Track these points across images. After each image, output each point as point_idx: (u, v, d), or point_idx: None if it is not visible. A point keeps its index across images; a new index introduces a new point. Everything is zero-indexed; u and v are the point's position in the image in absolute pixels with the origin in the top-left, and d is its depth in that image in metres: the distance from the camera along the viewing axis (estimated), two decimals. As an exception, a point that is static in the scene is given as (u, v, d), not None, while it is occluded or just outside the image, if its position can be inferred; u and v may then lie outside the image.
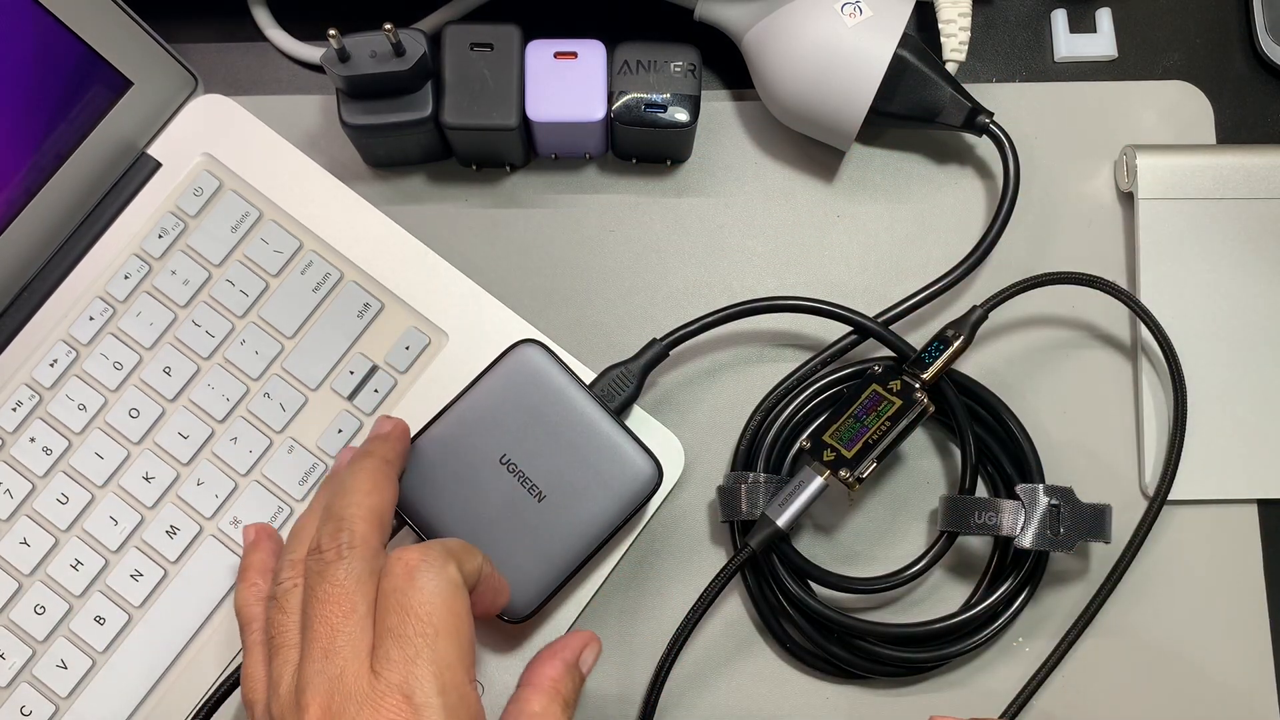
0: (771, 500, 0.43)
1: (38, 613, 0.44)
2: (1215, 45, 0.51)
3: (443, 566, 0.33)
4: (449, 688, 0.32)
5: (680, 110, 0.45)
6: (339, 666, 0.32)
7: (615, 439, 0.42)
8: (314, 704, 0.32)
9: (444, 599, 0.33)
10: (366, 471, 0.37)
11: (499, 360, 0.42)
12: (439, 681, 0.32)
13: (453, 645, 0.32)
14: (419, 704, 0.31)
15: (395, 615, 0.32)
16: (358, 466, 0.37)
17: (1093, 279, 0.45)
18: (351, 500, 0.36)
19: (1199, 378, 0.46)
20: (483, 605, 0.37)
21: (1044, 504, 0.42)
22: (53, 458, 0.45)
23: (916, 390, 0.42)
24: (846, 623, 0.43)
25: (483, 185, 0.49)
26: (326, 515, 0.36)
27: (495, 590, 0.38)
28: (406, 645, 0.32)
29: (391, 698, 0.31)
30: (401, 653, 0.32)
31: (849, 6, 0.44)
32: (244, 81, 0.50)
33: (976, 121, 0.46)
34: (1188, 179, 0.47)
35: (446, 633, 0.32)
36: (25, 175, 0.43)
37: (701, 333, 0.45)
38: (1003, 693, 0.45)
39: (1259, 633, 0.46)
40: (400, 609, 0.32)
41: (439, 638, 0.32)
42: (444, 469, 0.41)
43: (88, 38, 0.42)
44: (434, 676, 0.32)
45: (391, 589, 0.33)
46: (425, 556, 0.33)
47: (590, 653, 0.39)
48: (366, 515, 0.35)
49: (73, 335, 0.46)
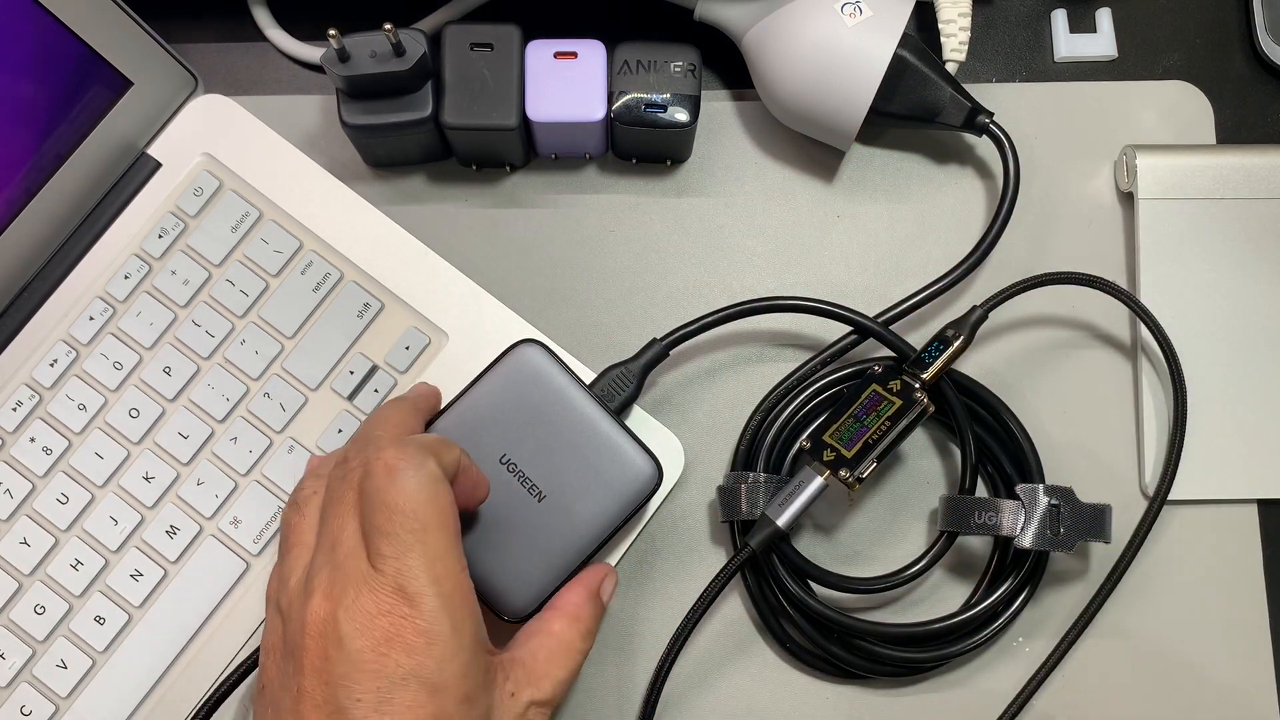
0: (771, 500, 0.43)
1: (38, 613, 0.44)
2: (1215, 45, 0.51)
3: (422, 462, 0.34)
4: (442, 577, 0.33)
5: (680, 110, 0.45)
6: (343, 554, 0.34)
7: (615, 439, 0.42)
8: (319, 589, 0.34)
9: (427, 493, 0.34)
10: (396, 407, 0.39)
11: (499, 360, 0.42)
12: (431, 572, 0.33)
13: (441, 537, 0.33)
14: (413, 594, 0.33)
15: (382, 514, 0.33)
16: (392, 403, 0.40)
17: (1092, 279, 0.45)
18: (379, 423, 0.38)
19: (1199, 378, 0.46)
20: (463, 498, 0.37)
21: (1044, 504, 0.42)
22: (53, 458, 0.45)
23: (916, 390, 0.42)
24: (846, 623, 0.43)
25: (483, 185, 0.49)
26: (355, 437, 0.38)
27: (474, 483, 0.38)
28: (396, 541, 0.33)
29: (386, 589, 0.33)
30: (392, 548, 0.33)
31: (849, 6, 0.44)
32: (244, 81, 0.50)
33: (976, 121, 0.46)
34: (1188, 179, 0.47)
35: (434, 526, 0.33)
36: (25, 175, 0.43)
37: (701, 333, 0.45)
38: (1003, 693, 0.45)
39: (1259, 633, 0.46)
40: (386, 507, 0.33)
41: (426, 531, 0.33)
42: None
43: (88, 38, 0.42)
44: (426, 568, 0.33)
45: (374, 489, 0.34)
46: (403, 454, 0.34)
47: (610, 582, 0.41)
48: (393, 437, 0.36)
49: (73, 335, 0.46)
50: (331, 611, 0.33)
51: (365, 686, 0.32)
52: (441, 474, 0.35)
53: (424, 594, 0.33)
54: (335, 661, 0.33)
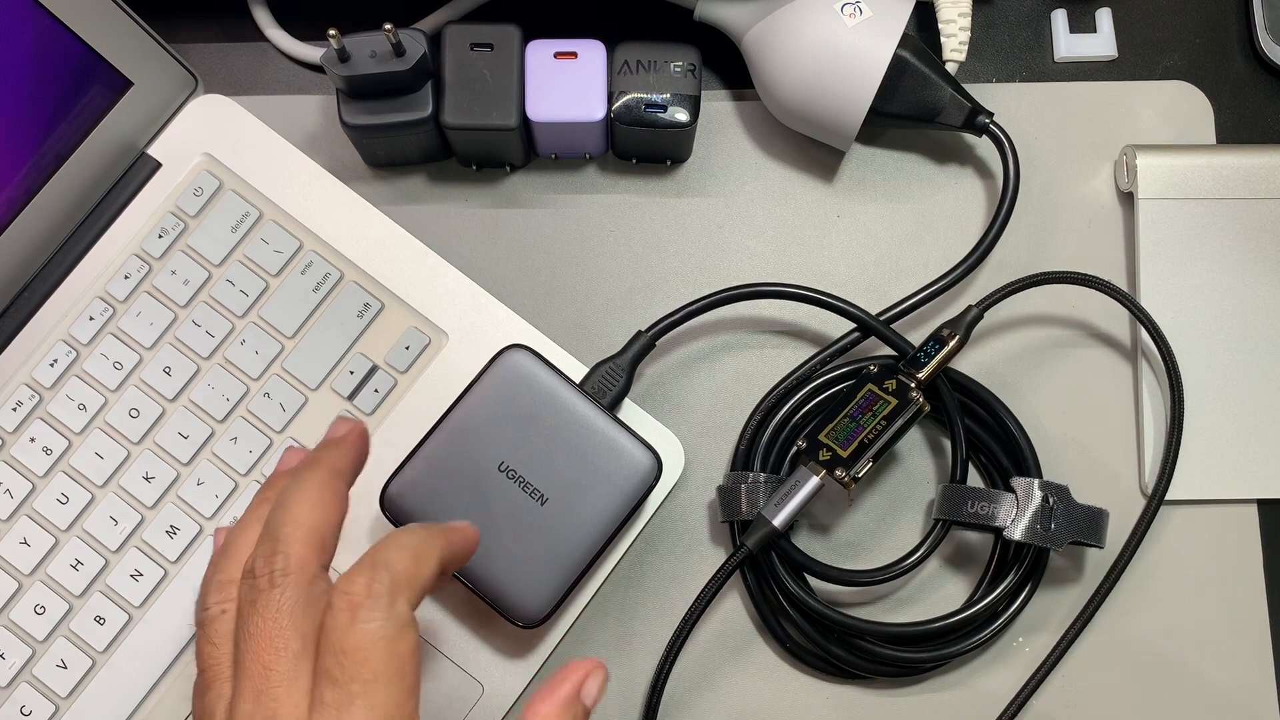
0: (768, 500, 0.43)
1: (38, 613, 0.44)
2: (1215, 45, 0.51)
3: (390, 605, 0.30)
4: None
5: (680, 110, 0.45)
6: (270, 709, 0.30)
7: (611, 434, 0.42)
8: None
9: (386, 640, 0.30)
10: (310, 485, 0.33)
11: (486, 369, 0.42)
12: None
13: (392, 691, 0.30)
14: None
15: (331, 657, 0.30)
16: (302, 478, 0.33)
17: (1088, 278, 0.45)
18: (289, 517, 0.32)
19: (1199, 377, 0.46)
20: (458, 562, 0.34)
21: (1038, 498, 0.42)
22: (53, 458, 0.45)
23: (912, 389, 0.42)
24: (846, 622, 0.43)
25: (483, 185, 0.49)
26: (264, 533, 0.32)
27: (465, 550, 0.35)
28: (340, 690, 0.29)
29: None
30: (335, 696, 0.29)
31: (849, 7, 0.44)
32: (244, 81, 0.50)
33: (976, 121, 0.46)
34: (1188, 179, 0.47)
35: (386, 677, 0.30)
36: (25, 175, 0.43)
37: (685, 320, 0.44)
38: (1003, 693, 0.45)
39: (1259, 633, 0.46)
40: (337, 651, 0.30)
41: (376, 683, 0.29)
42: (444, 483, 0.41)
43: (88, 38, 0.42)
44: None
45: (332, 627, 0.30)
46: (371, 593, 0.30)
47: (594, 682, 0.34)
48: (306, 536, 0.32)
49: (73, 335, 0.46)
50: None
51: None
52: (409, 617, 0.31)
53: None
54: None
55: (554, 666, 0.45)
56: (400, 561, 0.31)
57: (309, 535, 0.32)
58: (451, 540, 0.33)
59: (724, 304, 0.45)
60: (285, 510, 0.32)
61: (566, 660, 0.41)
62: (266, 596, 0.31)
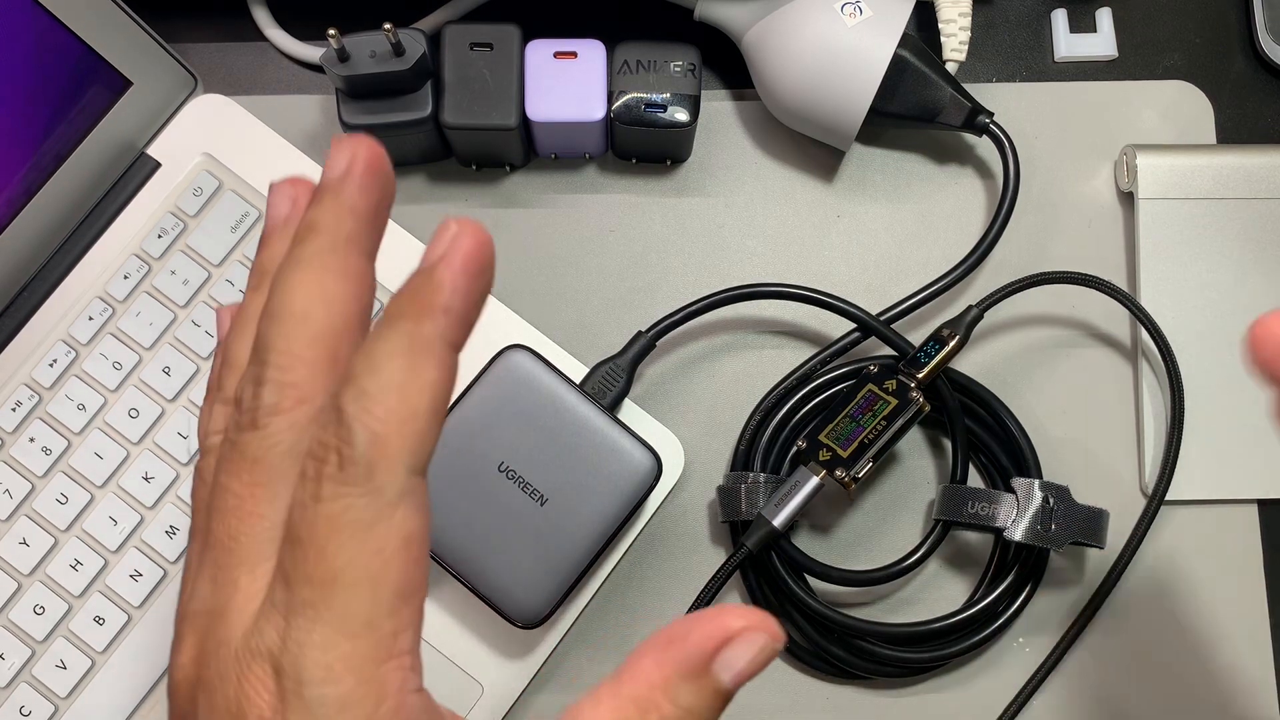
0: (768, 500, 0.43)
1: (37, 613, 0.44)
2: (1215, 45, 0.51)
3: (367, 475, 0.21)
4: (339, 670, 0.21)
5: (680, 110, 0.45)
6: (224, 597, 0.22)
7: (610, 435, 0.42)
8: (188, 641, 0.23)
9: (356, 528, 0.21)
10: (311, 269, 0.23)
11: (486, 369, 0.42)
12: (324, 657, 0.21)
13: (358, 601, 0.21)
14: (288, 685, 0.21)
15: (286, 545, 0.21)
16: (299, 258, 0.23)
17: (1087, 278, 0.45)
18: (285, 326, 0.23)
19: (1199, 377, 0.46)
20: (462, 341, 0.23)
21: (1038, 499, 0.42)
22: (52, 458, 0.45)
23: (912, 389, 0.42)
24: (846, 622, 0.43)
25: (483, 185, 0.49)
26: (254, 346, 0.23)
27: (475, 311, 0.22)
28: (291, 593, 0.21)
29: (258, 666, 0.21)
30: (284, 600, 0.21)
31: (849, 6, 0.44)
32: (244, 81, 0.50)
33: (976, 121, 0.46)
34: (1188, 179, 0.47)
35: (351, 582, 0.21)
36: (25, 175, 0.43)
37: (685, 321, 0.44)
38: (1003, 693, 0.45)
39: (1259, 633, 0.46)
40: (293, 538, 0.21)
41: (335, 588, 0.21)
42: (443, 484, 0.41)
43: (87, 38, 0.42)
44: (319, 647, 0.21)
45: (295, 502, 0.21)
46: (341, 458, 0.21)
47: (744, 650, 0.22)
48: (305, 350, 0.22)
49: (72, 335, 0.46)
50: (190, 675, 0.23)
51: None
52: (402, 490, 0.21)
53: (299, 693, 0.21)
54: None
55: (554, 667, 0.45)
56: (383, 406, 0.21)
57: (309, 348, 0.23)
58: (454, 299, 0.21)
59: (724, 304, 0.45)
60: (275, 314, 0.23)
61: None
62: (245, 440, 0.22)
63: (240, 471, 0.22)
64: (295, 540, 0.21)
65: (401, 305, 0.21)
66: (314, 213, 0.23)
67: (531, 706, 0.45)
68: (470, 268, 0.21)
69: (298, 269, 0.23)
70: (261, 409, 0.22)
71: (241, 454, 0.22)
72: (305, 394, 0.22)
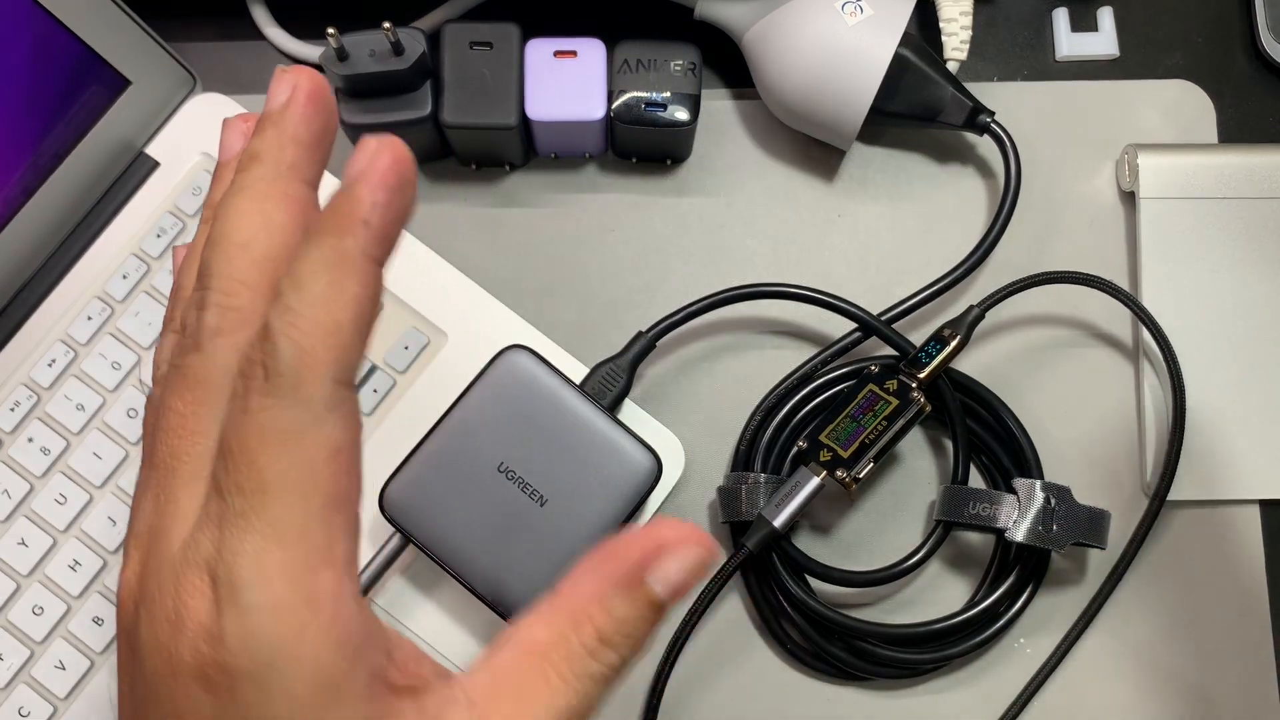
0: (769, 501, 0.43)
1: (36, 613, 0.44)
2: (1217, 44, 0.51)
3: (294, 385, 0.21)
4: (273, 575, 0.21)
5: (680, 109, 0.45)
6: (166, 514, 0.23)
7: (610, 435, 0.41)
8: (133, 559, 0.23)
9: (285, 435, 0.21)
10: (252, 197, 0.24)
11: (486, 369, 0.42)
12: (257, 563, 0.21)
13: (290, 509, 0.21)
14: (223, 592, 0.21)
15: (220, 458, 0.22)
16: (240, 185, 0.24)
17: (1089, 278, 0.44)
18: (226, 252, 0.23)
19: (1201, 377, 0.46)
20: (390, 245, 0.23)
21: (1040, 500, 0.42)
22: (51, 458, 0.45)
23: (913, 390, 0.42)
24: (847, 623, 0.43)
25: (482, 185, 0.49)
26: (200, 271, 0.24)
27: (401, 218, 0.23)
28: (224, 503, 0.21)
29: (194, 575, 0.21)
30: (217, 510, 0.21)
31: (850, 5, 0.44)
32: (243, 80, 0.50)
33: (978, 121, 0.46)
34: (1189, 178, 0.47)
35: (281, 489, 0.21)
36: (23, 174, 0.43)
37: (686, 321, 0.44)
38: (1003, 693, 0.45)
39: (1260, 633, 0.46)
40: (225, 450, 0.22)
41: (266, 496, 0.21)
42: (443, 484, 0.41)
43: (86, 37, 0.42)
44: (251, 554, 0.21)
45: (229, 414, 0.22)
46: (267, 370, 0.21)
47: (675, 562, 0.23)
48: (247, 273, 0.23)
49: (71, 335, 0.46)
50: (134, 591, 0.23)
51: None
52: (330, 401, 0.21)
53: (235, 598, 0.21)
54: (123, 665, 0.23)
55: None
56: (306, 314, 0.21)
57: (249, 272, 0.23)
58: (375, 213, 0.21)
59: (725, 304, 0.45)
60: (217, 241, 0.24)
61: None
62: (188, 362, 0.23)
63: (183, 391, 0.23)
64: (227, 452, 0.21)
65: (323, 223, 0.22)
66: (255, 142, 0.24)
67: (531, 707, 0.45)
68: (389, 181, 0.22)
69: (239, 196, 0.24)
70: (204, 331, 0.23)
71: (184, 376, 0.23)
72: (246, 317, 0.23)
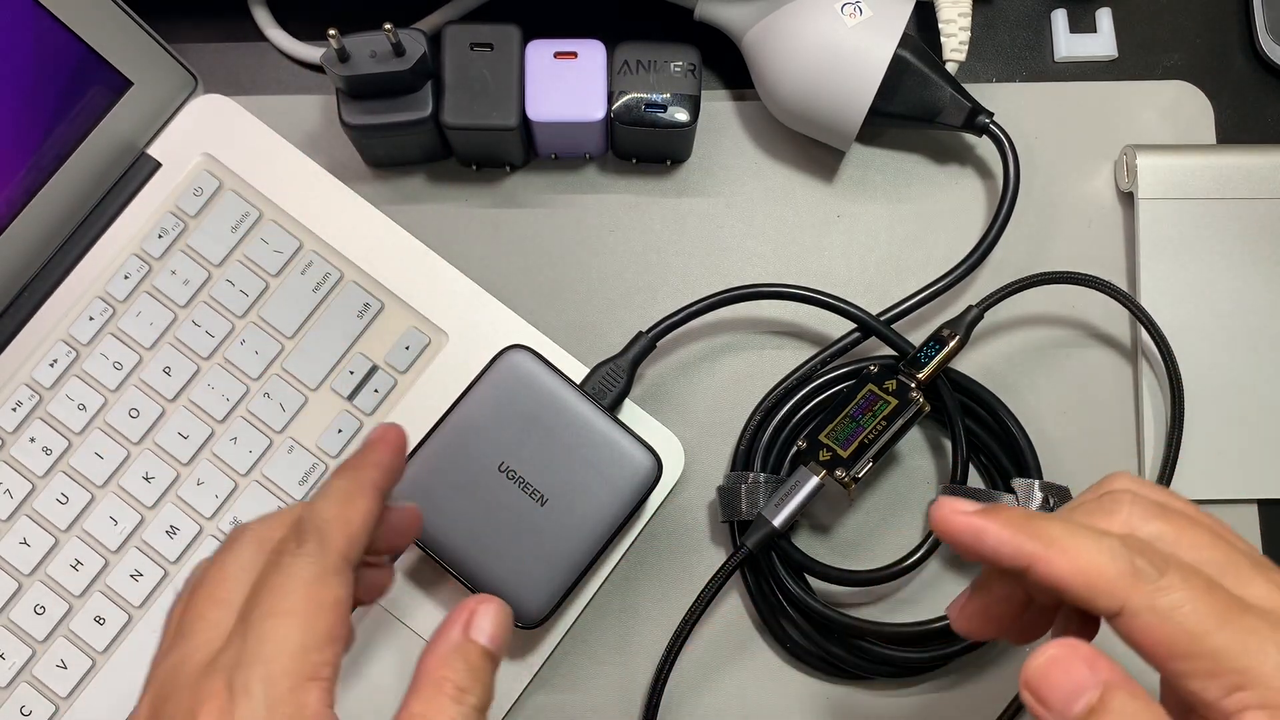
0: (768, 500, 0.43)
1: (37, 613, 0.44)
2: (1215, 45, 0.51)
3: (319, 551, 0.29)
4: (277, 677, 0.27)
5: (680, 110, 0.45)
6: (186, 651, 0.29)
7: (611, 435, 0.42)
8: (150, 691, 0.29)
9: (306, 580, 0.29)
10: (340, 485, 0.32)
11: (487, 369, 0.42)
12: (266, 668, 0.27)
13: (299, 632, 0.28)
14: (236, 689, 0.27)
15: (251, 599, 0.29)
16: (333, 479, 0.33)
17: (1088, 278, 0.45)
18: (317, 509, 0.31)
19: (1199, 377, 0.46)
20: (390, 540, 0.34)
21: (1038, 499, 0.42)
22: (53, 458, 0.45)
23: (912, 390, 0.42)
24: (847, 622, 0.43)
25: (483, 185, 0.49)
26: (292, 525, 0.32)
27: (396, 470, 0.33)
28: (248, 625, 0.28)
29: (216, 679, 0.27)
30: (243, 631, 0.28)
31: (849, 6, 0.44)
32: (244, 81, 0.50)
33: (976, 121, 0.46)
34: (1188, 179, 0.47)
35: (297, 615, 0.28)
36: (25, 175, 0.43)
37: (686, 322, 0.44)
38: (1003, 693, 0.45)
39: (1259, 633, 0.46)
40: (255, 591, 0.29)
41: (284, 618, 0.28)
42: (444, 483, 0.41)
43: (88, 38, 0.42)
44: (263, 660, 0.27)
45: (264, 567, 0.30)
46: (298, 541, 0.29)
47: (485, 618, 0.30)
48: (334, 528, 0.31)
49: (72, 335, 0.46)
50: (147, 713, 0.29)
51: None
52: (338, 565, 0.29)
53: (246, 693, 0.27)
54: None
55: (554, 667, 0.45)
56: (328, 509, 0.30)
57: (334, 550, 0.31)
58: (380, 462, 0.32)
59: (724, 305, 0.45)
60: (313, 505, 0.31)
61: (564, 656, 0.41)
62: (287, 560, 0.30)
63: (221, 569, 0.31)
64: (258, 591, 0.29)
65: (349, 460, 0.33)
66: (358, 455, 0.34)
67: (531, 706, 0.45)
68: (395, 446, 0.33)
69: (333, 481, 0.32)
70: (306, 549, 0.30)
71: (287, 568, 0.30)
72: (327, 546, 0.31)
